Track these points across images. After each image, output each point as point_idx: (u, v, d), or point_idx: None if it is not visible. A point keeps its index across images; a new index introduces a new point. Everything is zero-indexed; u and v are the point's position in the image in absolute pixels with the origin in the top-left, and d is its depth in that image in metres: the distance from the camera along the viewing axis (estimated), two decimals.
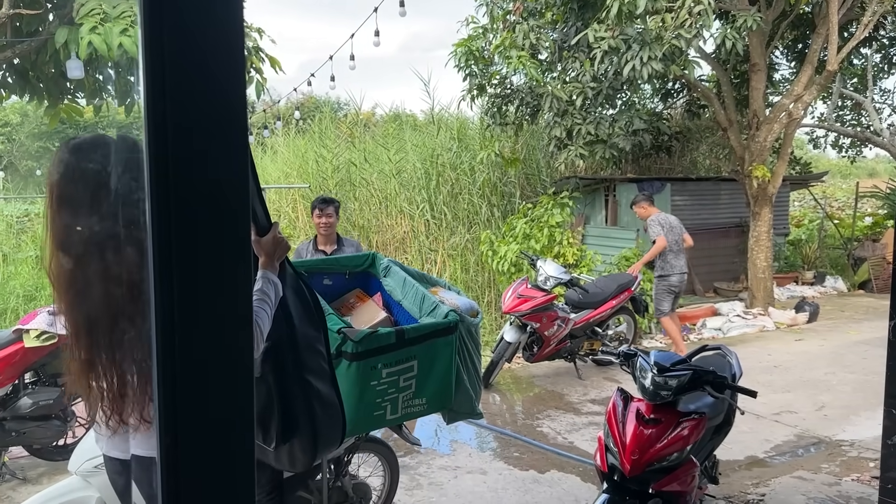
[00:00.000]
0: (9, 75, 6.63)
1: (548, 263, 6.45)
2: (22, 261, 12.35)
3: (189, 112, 0.79)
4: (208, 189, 0.81)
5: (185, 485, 0.83)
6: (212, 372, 0.84)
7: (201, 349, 0.83)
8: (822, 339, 8.30)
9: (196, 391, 0.83)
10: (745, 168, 9.15)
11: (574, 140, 8.63)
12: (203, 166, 0.80)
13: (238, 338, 0.85)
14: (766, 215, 9.31)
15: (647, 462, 3.04)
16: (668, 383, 3.13)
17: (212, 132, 0.80)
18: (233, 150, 0.81)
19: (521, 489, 4.44)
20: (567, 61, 8.65)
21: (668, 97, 12.46)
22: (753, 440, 5.20)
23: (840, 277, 12.06)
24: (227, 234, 0.83)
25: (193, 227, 0.80)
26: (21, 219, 14.81)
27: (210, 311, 0.83)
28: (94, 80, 6.70)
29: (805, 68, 8.86)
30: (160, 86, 0.77)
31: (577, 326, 6.55)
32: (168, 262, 0.80)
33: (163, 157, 0.78)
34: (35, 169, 22.71)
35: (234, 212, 0.82)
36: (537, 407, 5.99)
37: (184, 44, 0.77)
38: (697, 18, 6.75)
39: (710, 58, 9.87)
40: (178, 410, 0.82)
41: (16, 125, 25.05)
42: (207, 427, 0.83)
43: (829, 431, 5.42)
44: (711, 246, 11.25)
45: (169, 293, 0.80)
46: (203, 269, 0.82)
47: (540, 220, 9.28)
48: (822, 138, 15.13)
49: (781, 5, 8.76)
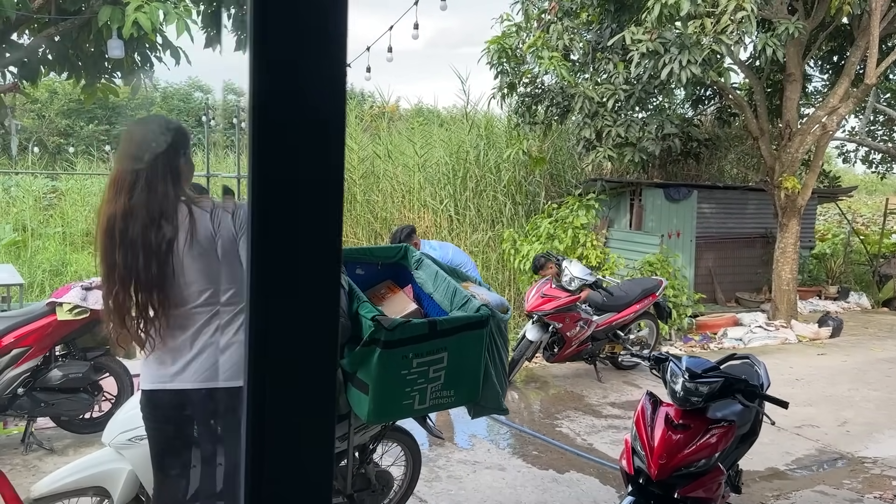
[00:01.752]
0: (49, 51, 6.70)
1: (573, 264, 6.44)
2: (49, 236, 12.51)
3: (290, 48, 0.79)
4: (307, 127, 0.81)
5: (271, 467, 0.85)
6: (301, 329, 0.84)
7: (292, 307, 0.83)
8: (845, 354, 8.22)
9: (287, 352, 0.83)
10: (775, 178, 9.07)
11: (603, 142, 8.59)
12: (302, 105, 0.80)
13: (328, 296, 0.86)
14: (793, 227, 9.23)
15: (675, 467, 3.03)
16: (699, 389, 3.12)
17: (311, 70, 0.80)
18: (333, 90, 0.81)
19: (539, 487, 4.44)
20: (600, 62, 8.61)
21: (698, 103, 12.37)
22: (774, 452, 5.17)
23: (864, 294, 11.93)
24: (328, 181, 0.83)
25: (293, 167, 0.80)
26: (48, 195, 15.01)
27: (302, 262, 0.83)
28: (132, 59, 6.75)
29: (842, 80, 8.76)
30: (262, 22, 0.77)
31: (599, 329, 6.53)
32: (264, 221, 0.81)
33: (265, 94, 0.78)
34: (63, 146, 22.96)
35: (328, 156, 0.82)
36: (556, 407, 5.98)
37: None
38: (740, 25, 6.69)
39: (744, 65, 9.79)
40: (267, 379, 0.83)
41: (45, 102, 25.37)
42: (295, 402, 0.84)
43: (851, 447, 5.37)
44: (735, 255, 11.17)
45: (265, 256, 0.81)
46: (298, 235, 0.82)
47: (565, 220, 9.26)
48: (852, 153, 14.95)
49: (821, 16, 8.66)
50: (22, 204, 13.74)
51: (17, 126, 7.99)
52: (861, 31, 8.54)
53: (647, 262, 8.97)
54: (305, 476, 0.86)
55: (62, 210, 14.10)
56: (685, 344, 8.79)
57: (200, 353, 2.44)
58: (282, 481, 0.85)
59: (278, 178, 0.80)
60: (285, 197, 0.80)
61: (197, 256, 2.39)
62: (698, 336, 9.09)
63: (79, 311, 4.38)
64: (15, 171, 15.79)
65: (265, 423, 0.83)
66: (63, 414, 4.58)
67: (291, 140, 0.79)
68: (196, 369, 2.44)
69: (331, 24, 0.80)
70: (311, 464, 0.87)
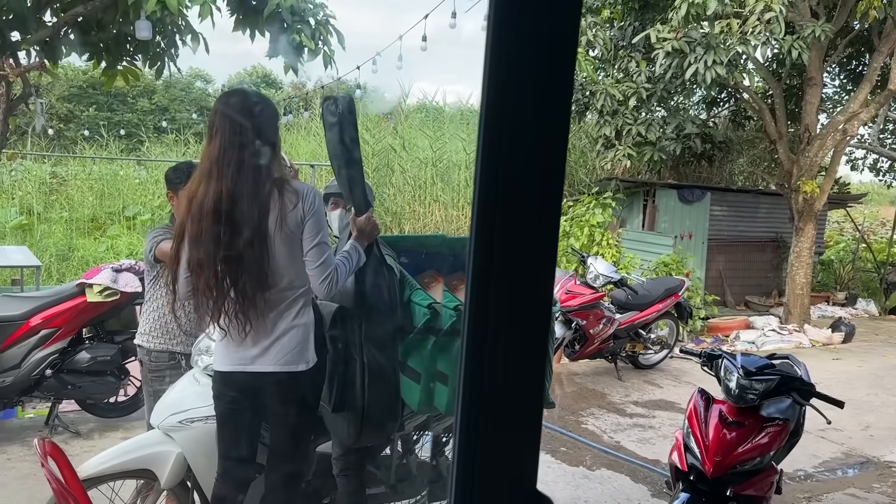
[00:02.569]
0: (71, 32, 6.60)
1: (598, 261, 6.40)
2: (55, 220, 12.40)
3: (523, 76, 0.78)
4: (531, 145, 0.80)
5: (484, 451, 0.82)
6: (516, 319, 0.82)
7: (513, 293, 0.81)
8: (859, 360, 8.20)
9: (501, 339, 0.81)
10: (793, 182, 9.05)
11: (623, 140, 8.55)
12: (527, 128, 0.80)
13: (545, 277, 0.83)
14: (809, 232, 9.22)
15: (730, 465, 2.99)
16: (754, 387, 3.08)
17: (537, 110, 0.79)
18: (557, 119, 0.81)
19: (571, 484, 4.40)
20: (622, 60, 8.56)
21: (713, 105, 12.34)
22: (801, 455, 5.12)
23: (872, 301, 11.94)
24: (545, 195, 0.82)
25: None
26: (51, 181, 14.87)
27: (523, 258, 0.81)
28: (156, 44, 6.66)
29: (863, 86, 8.74)
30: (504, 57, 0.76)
31: (621, 327, 6.49)
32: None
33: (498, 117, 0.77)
34: (64, 131, 22.79)
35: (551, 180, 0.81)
36: (580, 405, 5.94)
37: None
38: (767, 26, 6.66)
39: (763, 68, 9.76)
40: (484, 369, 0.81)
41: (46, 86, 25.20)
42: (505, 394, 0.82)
43: (876, 452, 5.34)
44: (746, 259, 11.16)
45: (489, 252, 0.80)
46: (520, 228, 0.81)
47: (581, 218, 9.22)
48: (860, 160, 14.96)
49: (842, 20, 8.64)
50: (28, 187, 13.62)
51: (42, 105, 7.89)
52: (884, 38, 8.52)
53: (662, 263, 8.94)
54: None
55: (67, 195, 13.99)
56: (697, 346, 8.77)
57: (282, 336, 2.39)
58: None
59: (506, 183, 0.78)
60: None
61: (286, 238, 2.33)
62: (710, 338, 9.07)
63: (109, 293, 4.31)
64: (50, 154, 15.64)
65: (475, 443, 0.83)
66: (89, 397, 4.52)
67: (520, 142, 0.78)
68: (277, 352, 2.40)
69: (561, 30, 0.79)
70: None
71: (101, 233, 12.60)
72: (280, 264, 2.35)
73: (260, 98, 2.42)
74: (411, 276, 3.86)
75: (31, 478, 3.87)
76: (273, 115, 2.37)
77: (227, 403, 2.50)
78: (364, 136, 11.79)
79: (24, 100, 5.97)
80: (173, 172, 3.19)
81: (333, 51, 5.70)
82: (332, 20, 5.57)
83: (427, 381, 2.93)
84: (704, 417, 3.15)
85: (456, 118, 13.59)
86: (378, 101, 13.88)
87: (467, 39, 6.21)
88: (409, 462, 3.49)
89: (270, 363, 2.39)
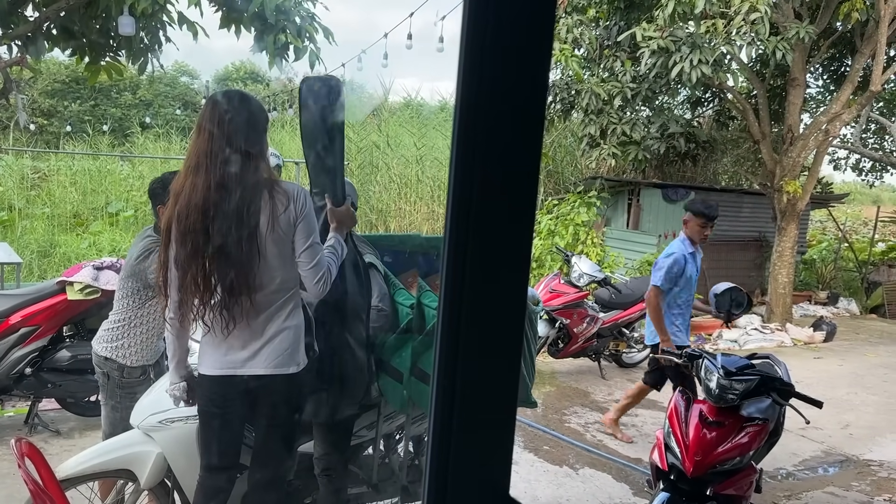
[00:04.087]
0: (53, 26, 6.53)
1: (583, 260, 6.42)
2: (37, 216, 12.27)
3: (497, 93, 0.78)
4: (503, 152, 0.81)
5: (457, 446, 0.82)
6: (492, 323, 0.82)
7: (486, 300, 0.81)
8: (840, 359, 8.28)
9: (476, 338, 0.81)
10: (776, 182, 9.12)
11: (608, 139, 8.58)
12: (502, 139, 0.80)
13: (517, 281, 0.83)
14: (791, 231, 9.29)
15: (710, 464, 3.01)
16: (734, 387, 3.10)
17: (512, 111, 0.79)
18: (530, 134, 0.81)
19: (554, 482, 4.41)
20: (608, 59, 8.59)
21: (697, 105, 12.41)
22: (781, 453, 5.16)
23: (853, 300, 12.06)
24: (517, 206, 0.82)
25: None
26: (32, 175, 14.70)
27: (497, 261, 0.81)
28: (139, 39, 6.60)
29: (845, 87, 8.82)
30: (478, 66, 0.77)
31: (605, 326, 6.52)
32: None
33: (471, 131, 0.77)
34: (47, 126, 22.55)
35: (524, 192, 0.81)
36: (562, 403, 5.96)
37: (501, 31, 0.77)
38: (752, 26, 6.70)
39: (747, 68, 9.82)
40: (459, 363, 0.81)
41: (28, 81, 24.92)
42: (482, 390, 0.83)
43: (855, 450, 5.40)
44: (729, 258, 11.22)
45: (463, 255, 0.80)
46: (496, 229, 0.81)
47: (565, 217, 9.25)
48: (842, 160, 15.11)
49: (825, 22, 8.71)
50: (9, 182, 13.47)
51: (22, 100, 7.80)
52: (866, 39, 8.60)
53: (646, 262, 8.98)
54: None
55: (49, 190, 13.84)
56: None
57: (273, 338, 2.38)
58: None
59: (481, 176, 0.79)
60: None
61: (277, 240, 2.32)
62: (693, 337, 9.11)
63: (90, 291, 4.27)
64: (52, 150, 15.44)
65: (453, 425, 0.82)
66: (69, 395, 4.48)
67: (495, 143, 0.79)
68: (268, 355, 2.39)
69: (535, 31, 0.80)
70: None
71: (83, 229, 12.49)
72: (271, 266, 2.34)
73: (249, 98, 2.42)
74: (396, 275, 3.87)
75: (10, 477, 3.83)
76: (263, 118, 2.35)
77: (213, 407, 2.48)
78: (348, 134, 11.76)
79: (5, 95, 5.91)
80: (160, 186, 3.08)
81: (320, 48, 5.68)
82: (318, 18, 5.55)
83: (409, 380, 2.94)
84: (685, 417, 3.17)
85: (440, 115, 13.57)
86: (363, 98, 13.84)
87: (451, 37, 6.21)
88: (391, 461, 3.49)
89: (262, 366, 2.38)
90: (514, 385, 0.86)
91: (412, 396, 2.98)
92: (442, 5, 6.69)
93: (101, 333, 3.20)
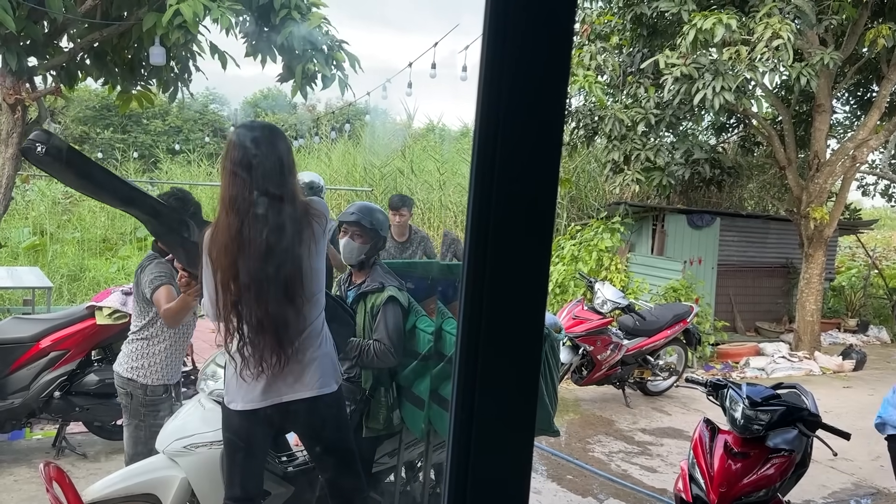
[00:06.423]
0: (86, 56, 6.71)
1: (606, 287, 6.40)
2: (67, 241, 12.52)
3: (516, 118, 0.81)
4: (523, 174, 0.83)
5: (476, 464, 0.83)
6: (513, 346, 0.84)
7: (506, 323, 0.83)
8: (870, 388, 8.12)
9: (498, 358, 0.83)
10: (802, 209, 9.03)
11: (632, 165, 8.58)
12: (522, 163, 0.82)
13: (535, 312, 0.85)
14: (819, 258, 9.18)
15: (735, 496, 2.97)
16: (759, 417, 3.06)
17: (529, 139, 0.82)
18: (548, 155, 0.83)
19: None
20: (631, 86, 8.61)
21: (722, 131, 12.36)
22: (810, 485, 5.08)
23: (884, 328, 11.84)
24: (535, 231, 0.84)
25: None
26: (64, 200, 15.03)
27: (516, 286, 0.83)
28: (169, 69, 6.74)
29: (872, 113, 8.74)
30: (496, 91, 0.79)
31: (629, 353, 6.47)
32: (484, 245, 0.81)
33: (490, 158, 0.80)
34: None
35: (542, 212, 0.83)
36: (586, 431, 5.91)
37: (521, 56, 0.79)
38: (776, 53, 6.70)
39: (772, 94, 9.79)
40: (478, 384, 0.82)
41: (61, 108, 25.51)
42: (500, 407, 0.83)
43: (887, 483, 5.27)
44: (756, 285, 11.10)
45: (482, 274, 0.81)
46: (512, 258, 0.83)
47: (589, 243, 9.22)
48: (871, 185, 14.91)
49: (851, 48, 8.67)
50: (41, 207, 13.77)
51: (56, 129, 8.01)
52: (893, 65, 8.54)
53: (671, 288, 8.91)
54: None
55: (79, 215, 14.13)
56: (707, 372, 8.70)
57: (312, 362, 2.42)
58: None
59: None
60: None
61: (318, 268, 2.36)
62: (720, 364, 9.01)
63: (118, 316, 4.34)
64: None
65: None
66: (97, 419, 4.54)
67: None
68: (311, 377, 2.43)
69: (554, 51, 0.82)
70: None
71: (112, 253, 12.71)
72: (312, 294, 2.38)
73: (273, 128, 2.44)
74: (419, 301, 3.89)
75: (37, 500, 3.88)
76: (288, 145, 2.38)
77: (245, 440, 2.50)
78: (372, 161, 11.90)
79: (39, 123, 6.07)
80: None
81: (347, 75, 5.77)
82: (346, 44, 5.64)
83: (430, 407, 2.95)
84: (710, 448, 3.13)
85: (463, 141, 13.67)
86: (386, 124, 14.00)
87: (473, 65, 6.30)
88: (412, 489, 3.48)
89: (307, 389, 2.42)
90: (531, 411, 0.87)
91: (433, 423, 2.98)
92: (466, 32, 6.78)
93: (122, 355, 3.29)
